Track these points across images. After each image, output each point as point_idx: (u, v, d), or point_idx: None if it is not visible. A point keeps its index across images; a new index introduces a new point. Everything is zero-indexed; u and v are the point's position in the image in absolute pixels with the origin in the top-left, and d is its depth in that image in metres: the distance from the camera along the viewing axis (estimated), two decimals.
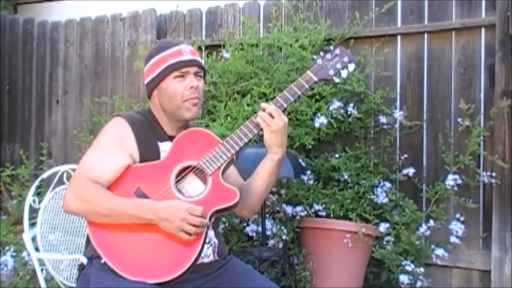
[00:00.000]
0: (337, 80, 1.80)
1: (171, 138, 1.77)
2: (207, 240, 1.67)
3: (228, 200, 1.64)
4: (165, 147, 1.74)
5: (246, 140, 1.71)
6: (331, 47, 1.81)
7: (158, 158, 1.72)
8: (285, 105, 1.71)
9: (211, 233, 1.75)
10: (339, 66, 1.77)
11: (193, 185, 1.70)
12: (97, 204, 1.61)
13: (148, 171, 1.68)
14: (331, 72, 1.77)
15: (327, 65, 1.77)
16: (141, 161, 1.71)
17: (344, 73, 1.78)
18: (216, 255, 1.75)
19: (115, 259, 1.58)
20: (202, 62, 1.86)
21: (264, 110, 1.68)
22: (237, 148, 1.70)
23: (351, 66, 1.79)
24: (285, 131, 1.69)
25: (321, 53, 1.80)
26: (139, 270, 1.55)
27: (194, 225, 1.56)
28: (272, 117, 1.67)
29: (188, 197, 1.65)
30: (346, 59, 1.78)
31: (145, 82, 1.81)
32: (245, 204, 1.77)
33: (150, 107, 1.84)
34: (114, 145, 1.70)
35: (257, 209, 1.86)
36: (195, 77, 1.76)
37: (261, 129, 1.69)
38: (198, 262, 1.61)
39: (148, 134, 1.76)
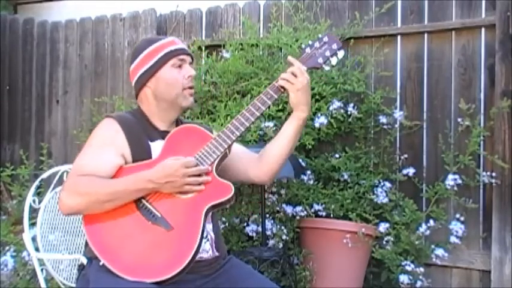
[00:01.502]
0: (327, 67, 1.80)
1: (162, 135, 1.76)
2: (204, 235, 1.67)
3: (223, 195, 1.64)
4: (156, 146, 1.74)
5: (238, 134, 1.71)
6: (319, 35, 1.82)
7: (150, 157, 1.72)
8: (275, 96, 1.73)
9: (209, 226, 1.75)
10: (327, 53, 1.77)
11: None
12: (95, 193, 1.60)
13: (142, 170, 1.67)
14: (320, 60, 1.77)
15: (315, 53, 1.78)
16: (133, 161, 1.71)
17: (334, 60, 1.79)
18: (215, 250, 1.75)
19: (113, 260, 1.57)
20: None
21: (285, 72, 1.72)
22: (229, 142, 1.70)
23: (341, 53, 1.79)
24: (309, 89, 1.73)
25: (310, 42, 1.80)
26: (138, 269, 1.55)
27: (195, 176, 1.59)
28: (295, 76, 1.70)
29: (183, 194, 1.64)
30: (335, 46, 1.78)
31: (139, 74, 1.78)
32: (265, 169, 1.81)
33: (139, 105, 1.84)
34: (106, 145, 1.70)
35: (277, 173, 1.87)
36: (190, 66, 1.79)
37: (258, 117, 1.71)
38: (198, 258, 1.61)
39: (140, 133, 1.75)
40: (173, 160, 1.63)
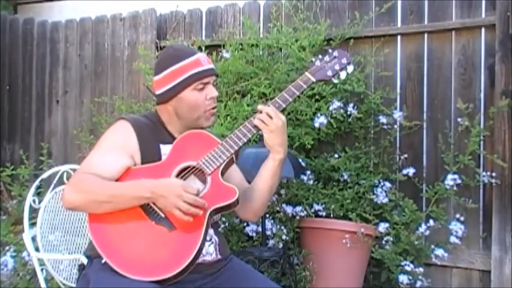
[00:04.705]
0: (335, 81, 1.82)
1: (174, 140, 1.78)
2: (207, 238, 1.67)
3: (227, 198, 1.65)
4: (167, 149, 1.75)
5: (245, 140, 1.72)
6: (330, 50, 1.84)
7: (160, 160, 1.73)
8: (284, 106, 1.74)
9: (210, 231, 1.75)
10: (337, 67, 1.79)
11: (193, 186, 1.70)
12: (95, 193, 1.61)
13: (148, 172, 1.68)
14: (330, 73, 1.79)
15: (325, 66, 1.79)
16: (142, 163, 1.72)
17: (342, 74, 1.81)
18: (218, 254, 1.75)
19: (114, 257, 1.58)
20: None
21: (260, 112, 1.69)
22: (236, 148, 1.71)
23: (350, 68, 1.81)
24: (284, 130, 1.70)
25: (320, 56, 1.82)
26: (139, 267, 1.55)
27: (189, 204, 1.55)
28: (270, 117, 1.68)
29: None
30: (344, 61, 1.80)
31: (162, 91, 1.78)
32: (249, 207, 1.79)
33: (158, 111, 1.84)
34: (116, 146, 1.71)
35: (261, 212, 1.87)
36: (213, 87, 1.79)
37: (260, 130, 1.70)
38: (201, 260, 1.62)
39: (152, 137, 1.76)
40: (178, 179, 1.64)
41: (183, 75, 1.75)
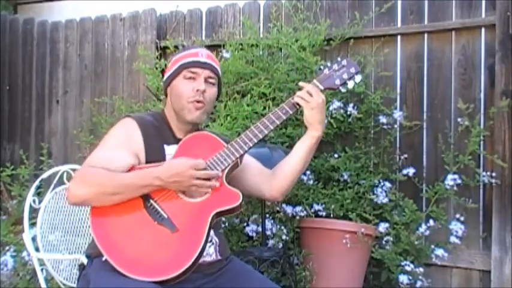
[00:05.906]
0: (343, 89, 1.85)
1: (178, 141, 1.78)
2: (208, 239, 1.68)
3: (231, 202, 1.65)
4: (171, 150, 1.76)
5: (251, 145, 1.74)
6: (339, 58, 1.87)
7: (163, 160, 1.73)
8: (290, 112, 1.78)
9: (211, 231, 1.75)
10: (345, 76, 1.82)
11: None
12: (102, 185, 1.61)
13: None
14: (338, 82, 1.82)
15: (333, 75, 1.82)
16: (146, 163, 1.72)
17: (350, 84, 1.84)
18: (218, 254, 1.75)
19: (115, 255, 1.58)
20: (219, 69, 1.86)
21: (301, 88, 1.77)
22: (241, 152, 1.72)
23: (358, 78, 1.84)
24: (324, 108, 1.78)
25: (328, 64, 1.86)
26: (139, 267, 1.55)
27: (204, 179, 1.60)
28: (310, 95, 1.74)
29: (191, 198, 1.66)
30: (352, 70, 1.83)
31: (162, 81, 1.86)
32: (277, 185, 1.85)
33: (164, 109, 1.87)
34: (120, 144, 1.72)
35: (289, 190, 1.91)
36: (205, 82, 1.78)
37: (271, 130, 1.75)
38: (201, 261, 1.62)
39: (156, 136, 1.77)
40: (183, 160, 1.64)
41: (177, 64, 1.80)
